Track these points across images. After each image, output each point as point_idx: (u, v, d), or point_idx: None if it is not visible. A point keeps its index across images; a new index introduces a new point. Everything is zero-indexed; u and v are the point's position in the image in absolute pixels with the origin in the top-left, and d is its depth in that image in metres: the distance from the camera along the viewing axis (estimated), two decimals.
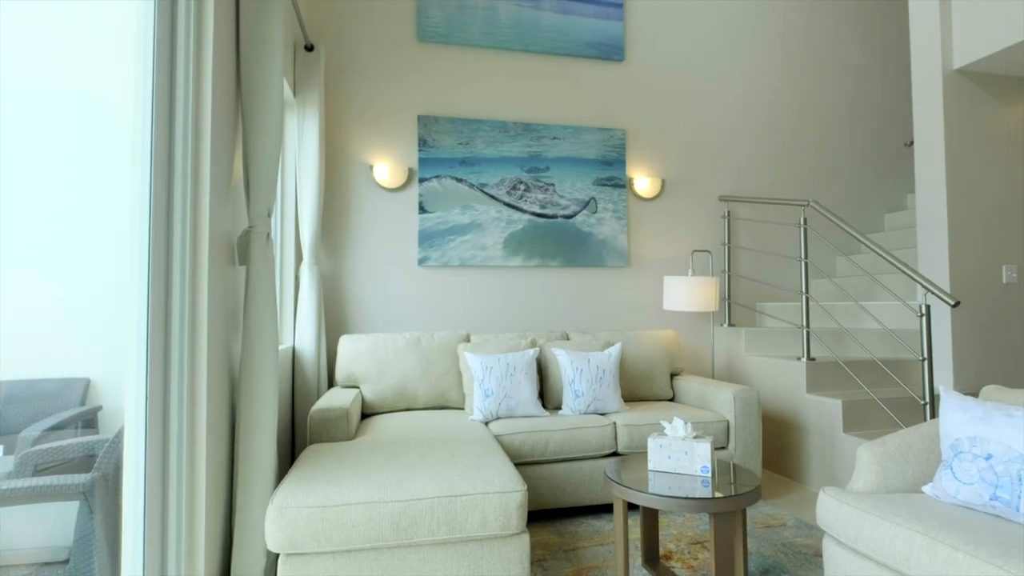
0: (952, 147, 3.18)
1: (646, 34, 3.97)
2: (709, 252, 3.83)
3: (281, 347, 2.82)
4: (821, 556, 2.20)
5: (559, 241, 3.65)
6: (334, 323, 3.34)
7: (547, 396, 3.02)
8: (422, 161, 3.46)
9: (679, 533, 2.42)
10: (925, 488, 1.71)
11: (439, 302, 3.49)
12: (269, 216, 1.87)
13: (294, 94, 3.00)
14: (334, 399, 2.54)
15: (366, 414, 2.94)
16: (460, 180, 3.51)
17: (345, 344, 3.00)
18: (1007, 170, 3.29)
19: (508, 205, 3.58)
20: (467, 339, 3.13)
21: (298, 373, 2.95)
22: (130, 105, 1.48)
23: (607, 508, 2.76)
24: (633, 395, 3.20)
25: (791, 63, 4.30)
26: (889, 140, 4.51)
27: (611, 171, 3.77)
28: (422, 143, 3.46)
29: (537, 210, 3.63)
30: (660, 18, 4.01)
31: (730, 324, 3.89)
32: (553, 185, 3.66)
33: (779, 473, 3.27)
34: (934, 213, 3.22)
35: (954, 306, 2.55)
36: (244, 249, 1.88)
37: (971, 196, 3.20)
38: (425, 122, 3.47)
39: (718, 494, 1.76)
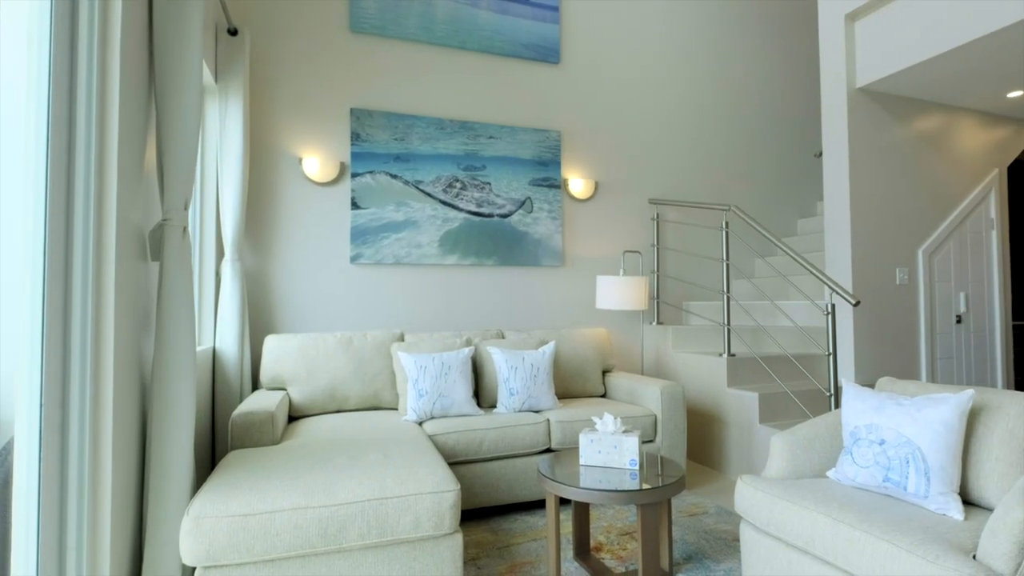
0: (855, 159, 3.46)
1: (581, 39, 4.05)
2: (639, 253, 3.97)
3: (200, 348, 2.65)
4: (739, 541, 2.34)
5: (495, 240, 3.67)
6: (259, 323, 3.18)
7: (482, 395, 3.02)
8: (355, 156, 3.36)
9: (609, 525, 2.50)
10: (829, 473, 1.85)
11: (372, 301, 3.41)
12: (186, 209, 1.76)
13: (215, 80, 2.83)
14: (258, 402, 2.42)
15: (294, 417, 2.83)
16: (395, 176, 3.44)
17: (271, 344, 2.87)
18: (901, 182, 3.62)
19: (444, 203, 3.55)
20: (401, 338, 3.08)
21: (219, 376, 2.79)
22: (23, 85, 1.34)
23: (541, 504, 2.80)
24: (567, 392, 3.27)
25: (716, 76, 4.53)
26: (801, 150, 4.85)
27: (547, 172, 3.83)
28: (355, 137, 3.37)
29: (473, 208, 3.62)
30: (595, 24, 4.11)
31: (659, 322, 4.05)
32: (489, 184, 3.67)
33: (702, 463, 3.44)
34: (839, 220, 3.49)
35: (855, 305, 2.78)
36: (157, 244, 1.75)
37: (871, 205, 3.50)
38: (358, 116, 3.38)
39: (645, 485, 1.82)
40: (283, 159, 3.27)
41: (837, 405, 2.87)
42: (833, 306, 2.89)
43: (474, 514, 2.68)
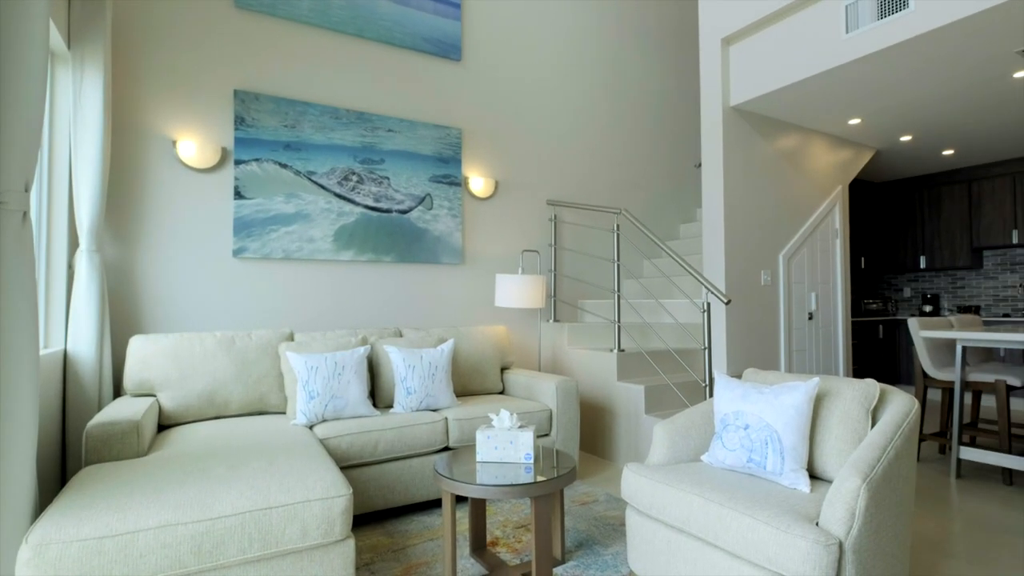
0: (728, 171, 3.81)
1: (483, 38, 4.07)
2: (537, 252, 4.07)
3: (47, 351, 2.32)
4: (625, 525, 2.47)
5: (393, 236, 3.58)
6: (123, 322, 2.85)
7: (379, 395, 2.94)
8: (239, 141, 3.12)
9: (506, 519, 2.54)
10: (703, 457, 2.03)
11: (259, 298, 3.19)
12: (27, 191, 1.52)
13: (67, 45, 2.49)
14: (120, 410, 2.16)
15: (165, 425, 2.56)
16: (285, 166, 3.24)
17: (137, 346, 2.58)
18: (766, 194, 4.05)
19: (339, 196, 3.40)
20: (290, 338, 2.91)
21: (72, 382, 2.46)
22: None
23: (440, 503, 2.78)
24: (465, 389, 3.28)
25: (611, 86, 4.77)
26: (685, 160, 5.25)
27: (447, 169, 3.81)
28: (239, 121, 3.12)
29: (371, 203, 3.51)
30: (497, 25, 4.15)
31: (555, 320, 4.18)
32: (388, 179, 3.58)
33: (595, 454, 3.62)
34: (715, 226, 3.83)
35: (727, 304, 3.06)
36: None
37: (741, 213, 3.88)
38: (244, 98, 3.14)
39: (540, 478, 1.88)
40: (154, 140, 2.95)
41: (711, 395, 3.14)
42: (709, 304, 3.16)
43: (369, 518, 2.60)
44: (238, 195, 3.10)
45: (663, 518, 1.79)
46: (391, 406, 2.95)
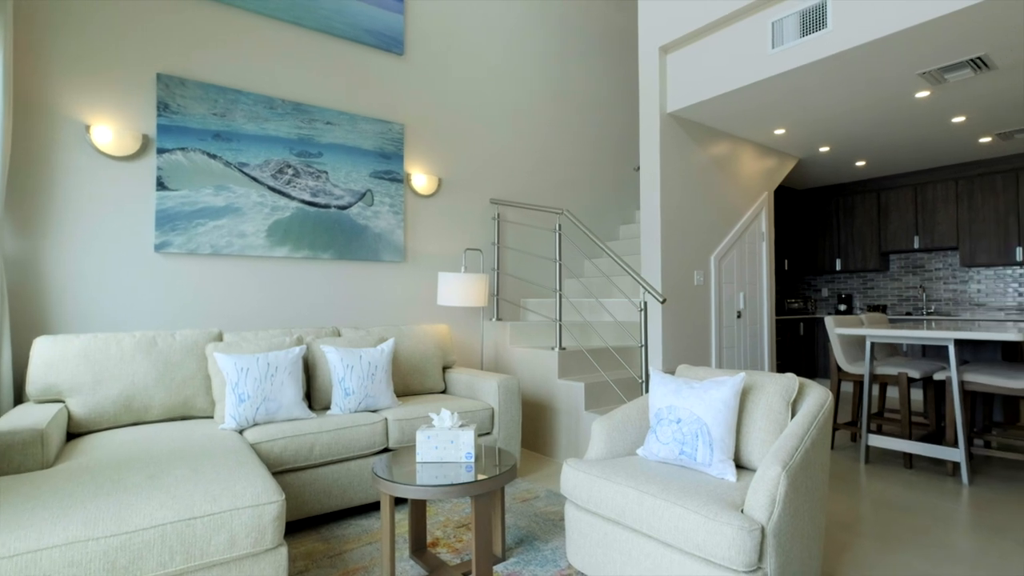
0: (665, 175, 3.95)
1: (427, 33, 4.02)
2: (480, 251, 4.07)
3: None
4: (565, 520, 2.51)
5: (332, 232, 3.47)
6: (25, 321, 2.61)
7: (315, 396, 2.85)
8: (163, 129, 2.93)
9: (447, 519, 2.52)
10: (638, 450, 2.09)
11: (184, 296, 3.01)
12: None
13: None
14: (22, 418, 1.98)
15: (76, 434, 2.37)
16: (214, 156, 3.07)
17: (43, 348, 2.37)
18: (699, 197, 4.23)
19: (273, 190, 3.26)
20: (219, 338, 2.76)
21: None
22: None
23: (379, 506, 2.72)
24: (407, 389, 3.23)
25: (554, 88, 4.83)
26: (625, 163, 5.40)
27: (389, 164, 3.73)
28: (163, 107, 2.93)
29: (308, 198, 3.39)
30: (441, 21, 4.11)
31: (498, 318, 4.20)
32: (326, 173, 3.46)
33: (536, 451, 3.66)
34: (652, 227, 3.96)
35: (662, 303, 3.18)
36: None
37: (677, 216, 4.03)
38: (168, 83, 2.95)
39: (480, 477, 1.88)
40: (64, 124, 2.71)
41: (647, 391, 3.25)
42: (646, 303, 3.27)
43: (305, 524, 2.51)
44: (161, 186, 2.91)
45: (600, 511, 1.83)
46: (328, 408, 2.86)
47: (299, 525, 2.50)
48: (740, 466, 1.99)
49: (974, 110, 3.99)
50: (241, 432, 2.40)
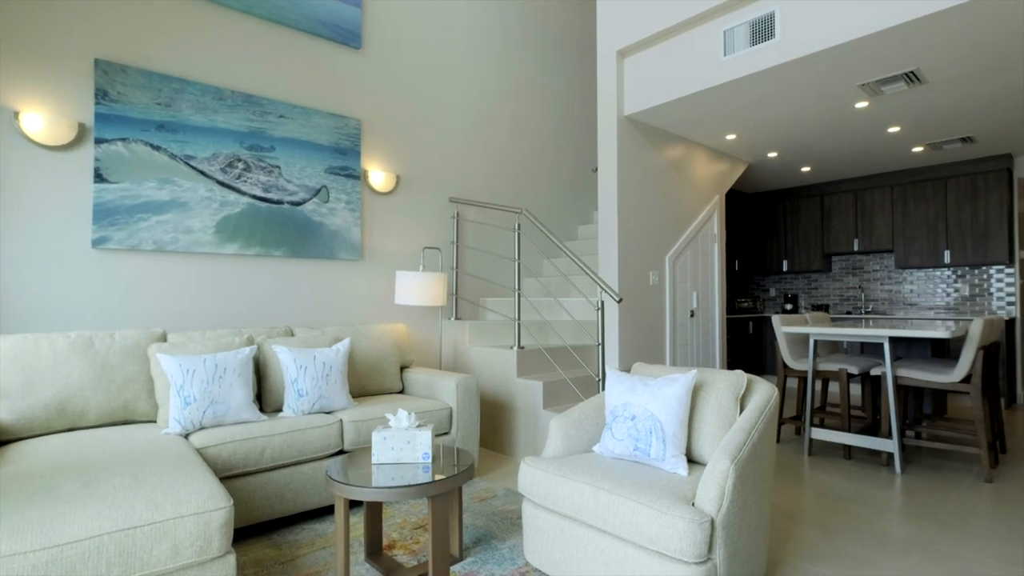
0: (622, 177, 4.03)
1: (385, 28, 3.96)
2: (439, 249, 4.04)
3: None
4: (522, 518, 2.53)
5: (285, 229, 3.37)
6: None
7: (266, 398, 2.76)
8: (101, 117, 2.77)
9: (403, 521, 2.49)
10: (595, 448, 2.12)
11: (125, 294, 2.86)
12: None
13: None
14: None
15: (3, 441, 2.22)
16: (157, 148, 2.93)
17: None
18: (655, 199, 4.32)
19: (223, 184, 3.14)
20: (163, 338, 2.64)
21: None
22: None
23: (333, 509, 2.67)
24: (363, 390, 3.17)
25: (514, 88, 4.84)
26: (584, 164, 5.47)
27: (345, 160, 3.65)
28: (102, 95, 2.77)
29: (259, 193, 3.28)
30: (399, 16, 4.05)
31: (456, 317, 4.18)
32: (279, 167, 3.36)
33: (494, 450, 3.66)
34: (609, 228, 4.03)
35: (619, 302, 3.24)
36: None
37: (633, 217, 4.11)
38: (107, 69, 2.79)
39: (438, 476, 1.87)
40: None
41: (604, 388, 3.31)
42: (603, 303, 3.32)
43: (255, 530, 2.43)
44: (100, 178, 2.75)
45: (557, 508, 1.85)
46: (280, 410, 2.78)
47: (249, 531, 2.42)
48: (692, 460, 2.05)
49: (908, 121, 4.24)
50: (187, 436, 2.31)
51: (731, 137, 4.58)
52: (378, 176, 3.84)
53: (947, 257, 5.55)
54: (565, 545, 1.85)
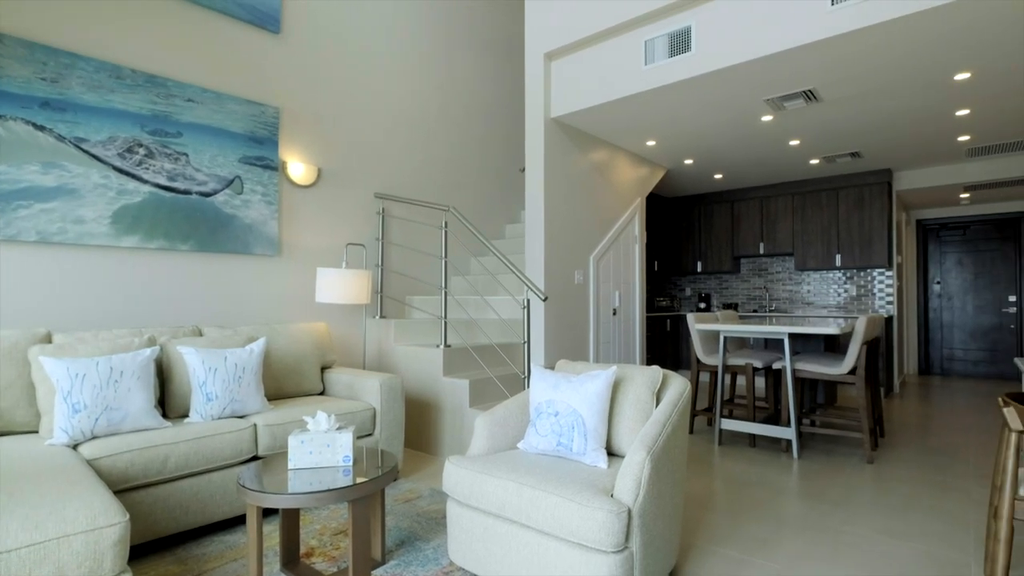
0: (549, 177, 4.10)
1: (306, 13, 3.79)
2: (363, 246, 3.93)
3: None
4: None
5: (193, 221, 3.15)
6: None
7: (171, 403, 2.56)
8: None
9: (323, 527, 2.40)
10: (519, 444, 2.15)
11: (1, 289, 2.55)
12: None
13: None
14: None
15: None
16: (41, 128, 2.64)
17: None
18: (580, 200, 4.44)
19: (120, 171, 2.88)
20: (47, 339, 2.38)
21: None
22: None
23: (245, 519, 2.52)
24: (280, 392, 3.02)
25: (441, 84, 4.79)
26: (512, 163, 5.52)
27: (262, 150, 3.46)
28: None
29: (163, 182, 3.03)
30: (322, 2, 3.89)
31: (381, 316, 4.08)
32: (187, 155, 3.13)
33: (420, 450, 3.61)
34: (536, 227, 4.09)
35: (544, 300, 3.29)
36: None
37: (559, 217, 4.20)
38: None
39: (360, 479, 1.81)
40: None
41: (529, 386, 3.35)
42: (528, 301, 3.36)
43: (158, 545, 2.25)
44: None
45: (481, 506, 1.86)
46: (187, 415, 2.59)
47: (151, 547, 2.24)
48: (612, 453, 2.13)
49: (806, 135, 4.62)
50: (75, 447, 2.09)
51: (651, 143, 4.79)
52: (298, 168, 3.67)
53: (838, 261, 6.11)
54: (489, 542, 1.86)
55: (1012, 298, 6.83)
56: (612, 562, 1.57)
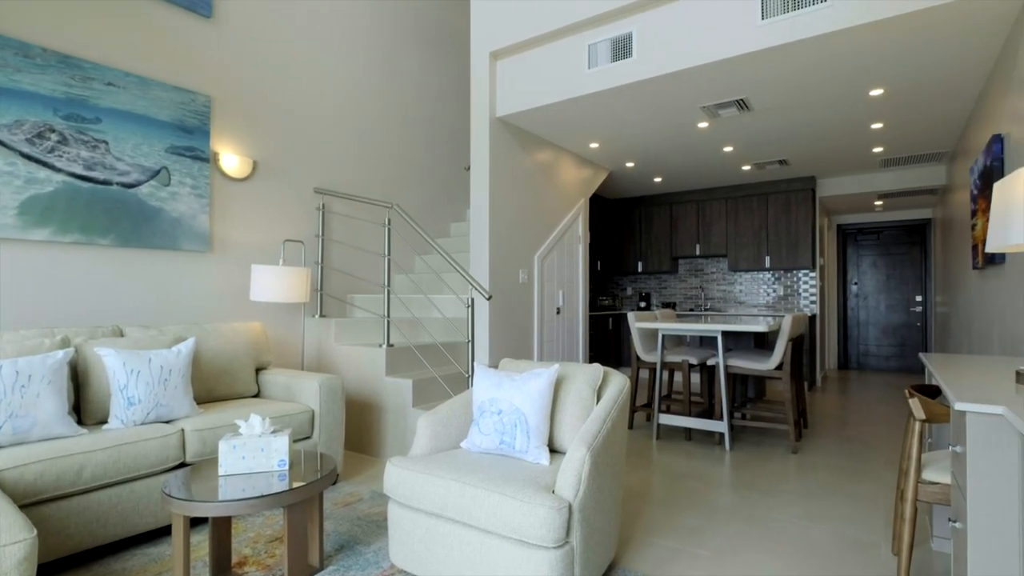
0: (494, 177, 4.11)
1: None
2: (302, 243, 3.80)
3: None
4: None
5: (114, 214, 2.94)
6: None
7: (87, 409, 2.39)
8: None
9: (257, 535, 2.31)
10: (462, 444, 2.15)
11: None
12: None
13: None
14: None
15: None
16: None
17: None
18: (525, 199, 4.48)
19: (29, 158, 2.65)
20: None
21: None
22: None
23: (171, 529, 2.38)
24: (212, 395, 2.88)
25: (385, 79, 4.70)
26: (457, 161, 5.49)
27: (192, 140, 3.28)
28: None
29: (79, 171, 2.82)
30: None
31: (321, 315, 3.96)
32: (106, 143, 2.92)
33: (362, 452, 3.53)
34: (481, 226, 4.09)
35: (488, 299, 3.30)
36: None
37: (504, 216, 4.22)
38: None
39: (296, 484, 1.76)
40: None
41: (473, 385, 3.35)
42: (473, 300, 3.36)
43: (73, 561, 2.09)
44: None
45: (423, 507, 1.84)
46: (106, 421, 2.42)
47: (65, 564, 2.08)
48: (555, 450, 2.16)
49: (739, 143, 4.86)
50: None
51: (594, 145, 4.89)
52: (231, 160, 3.50)
53: (768, 262, 6.46)
54: (431, 543, 1.84)
55: (919, 298, 7.46)
56: (553, 557, 1.60)
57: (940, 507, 2.24)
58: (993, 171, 2.91)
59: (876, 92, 3.59)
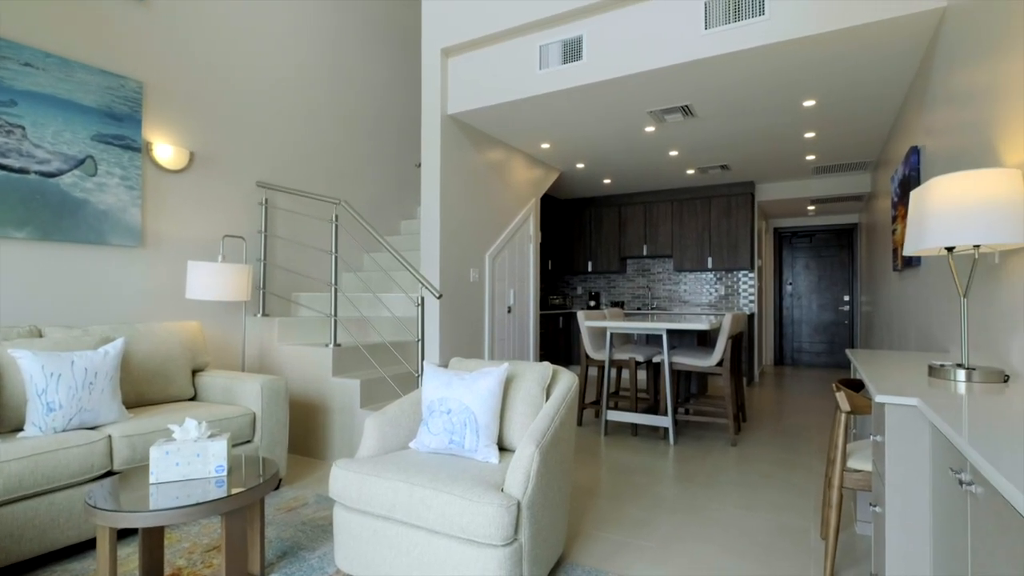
0: (445, 174, 4.08)
1: None
2: (243, 239, 3.65)
3: None
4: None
5: (31, 205, 2.73)
6: None
7: (1, 416, 2.20)
8: None
9: (193, 544, 2.20)
10: (411, 444, 2.12)
11: None
12: None
13: None
14: None
15: None
16: None
17: None
18: (477, 198, 4.46)
19: None
20: None
21: None
22: None
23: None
24: (143, 399, 2.72)
25: (332, 72, 4.57)
26: (407, 158, 5.41)
27: (121, 128, 3.08)
28: None
29: None
30: None
31: (264, 314, 3.82)
32: (23, 128, 2.70)
33: (308, 455, 3.43)
34: (432, 224, 4.05)
35: (439, 298, 3.27)
36: None
37: (456, 215, 4.19)
38: None
39: (235, 490, 1.68)
40: None
41: (422, 384, 3.31)
42: (423, 298, 3.32)
43: None
44: None
45: (371, 509, 1.81)
46: (21, 429, 2.24)
47: None
48: (505, 448, 2.17)
49: (683, 147, 5.03)
50: None
51: (546, 146, 4.93)
52: (166, 150, 3.32)
53: (710, 263, 6.72)
54: (378, 546, 1.81)
55: (846, 297, 7.95)
56: (501, 555, 1.60)
57: (863, 493, 2.40)
58: (911, 180, 3.13)
59: (809, 103, 3.79)
